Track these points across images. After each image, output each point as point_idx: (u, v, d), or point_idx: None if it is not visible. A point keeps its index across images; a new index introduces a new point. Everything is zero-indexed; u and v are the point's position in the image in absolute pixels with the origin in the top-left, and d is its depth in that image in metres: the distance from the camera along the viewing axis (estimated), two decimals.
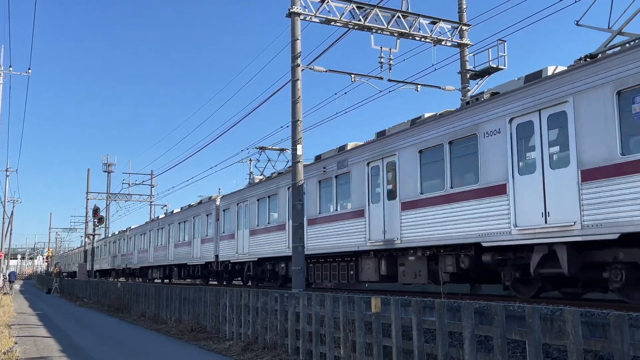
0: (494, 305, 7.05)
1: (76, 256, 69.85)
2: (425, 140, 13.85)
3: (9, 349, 12.44)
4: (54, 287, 50.86)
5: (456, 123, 12.88)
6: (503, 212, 11.54)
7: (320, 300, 10.67)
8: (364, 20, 18.05)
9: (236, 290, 14.61)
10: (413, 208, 14.03)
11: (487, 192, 11.99)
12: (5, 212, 55.35)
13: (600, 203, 9.67)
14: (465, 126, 12.64)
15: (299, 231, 16.63)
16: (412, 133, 14.34)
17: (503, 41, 17.57)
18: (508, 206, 11.44)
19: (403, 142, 14.64)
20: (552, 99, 10.70)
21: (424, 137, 13.90)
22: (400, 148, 14.68)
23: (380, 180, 15.48)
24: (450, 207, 12.87)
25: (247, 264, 24.14)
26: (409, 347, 8.26)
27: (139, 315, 22.24)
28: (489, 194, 11.93)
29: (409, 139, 14.47)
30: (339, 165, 17.24)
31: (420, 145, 14.03)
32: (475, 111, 12.47)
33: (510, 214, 11.36)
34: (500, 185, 11.68)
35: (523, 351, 7.47)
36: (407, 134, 14.54)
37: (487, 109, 12.16)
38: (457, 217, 12.66)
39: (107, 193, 55.81)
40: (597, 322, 6.85)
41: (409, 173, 14.36)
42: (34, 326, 19.72)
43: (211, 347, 13.56)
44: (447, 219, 12.96)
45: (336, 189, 17.60)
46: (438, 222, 13.18)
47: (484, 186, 12.09)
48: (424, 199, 13.75)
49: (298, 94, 16.96)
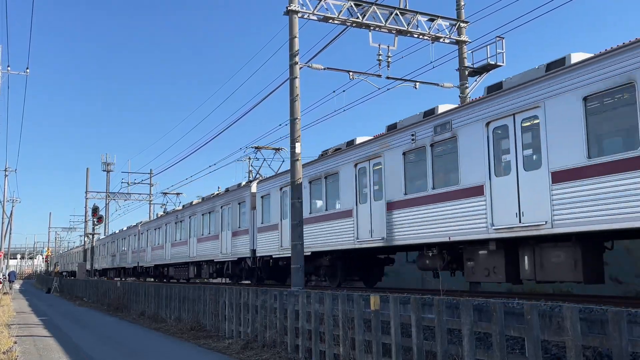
0: (493, 302, 7.05)
1: (76, 255, 69.81)
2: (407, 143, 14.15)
3: (9, 348, 12.43)
4: (53, 286, 50.91)
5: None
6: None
7: (320, 298, 10.67)
8: (362, 18, 18.02)
9: (235, 289, 14.61)
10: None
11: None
12: (5, 212, 55.34)
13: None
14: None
15: (297, 229, 16.59)
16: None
17: (501, 38, 17.54)
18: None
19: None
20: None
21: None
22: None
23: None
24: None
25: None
26: (408, 345, 8.27)
27: (139, 315, 22.26)
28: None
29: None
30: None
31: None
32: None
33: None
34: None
35: (522, 348, 7.48)
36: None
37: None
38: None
39: (106, 192, 55.77)
40: (596, 318, 6.84)
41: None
42: (33, 326, 19.73)
43: (211, 345, 13.58)
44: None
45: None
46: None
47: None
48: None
49: (296, 92, 16.94)
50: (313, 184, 18.51)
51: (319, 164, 18.26)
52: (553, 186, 10.26)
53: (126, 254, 45.10)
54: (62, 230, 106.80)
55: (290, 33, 17.21)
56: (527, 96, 10.91)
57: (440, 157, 13.29)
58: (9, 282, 47.08)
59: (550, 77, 10.55)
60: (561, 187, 10.12)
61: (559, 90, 10.30)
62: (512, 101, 11.25)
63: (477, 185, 11.88)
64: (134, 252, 42.38)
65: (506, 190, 11.21)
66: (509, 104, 11.28)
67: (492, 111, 11.66)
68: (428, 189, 13.30)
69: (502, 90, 11.55)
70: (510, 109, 11.24)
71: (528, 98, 10.88)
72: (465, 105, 12.85)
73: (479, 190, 11.82)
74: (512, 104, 11.24)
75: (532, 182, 10.69)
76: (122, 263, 46.36)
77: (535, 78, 10.89)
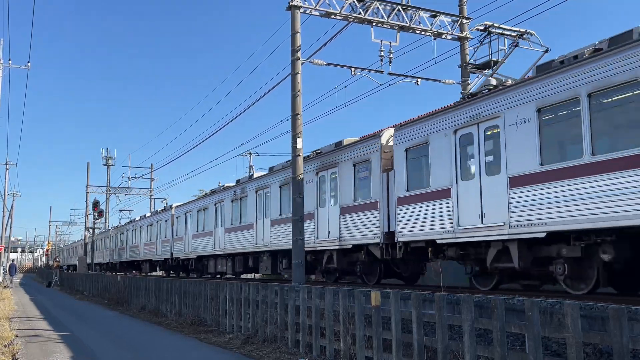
0: (494, 298, 7.07)
1: (77, 249, 69.76)
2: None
3: (10, 342, 12.47)
4: (54, 280, 50.96)
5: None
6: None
7: (320, 293, 10.70)
8: (364, 14, 17.99)
9: (236, 284, 14.64)
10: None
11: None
12: (5, 206, 55.39)
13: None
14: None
15: (299, 224, 16.61)
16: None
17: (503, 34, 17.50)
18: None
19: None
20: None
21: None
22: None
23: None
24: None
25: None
26: (408, 340, 8.29)
27: (139, 309, 22.30)
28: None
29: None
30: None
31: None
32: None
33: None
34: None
35: (522, 344, 7.50)
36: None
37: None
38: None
39: (107, 187, 55.84)
40: (597, 315, 6.86)
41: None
42: (34, 319, 19.77)
43: (211, 340, 13.60)
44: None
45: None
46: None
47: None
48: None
49: (298, 88, 16.93)
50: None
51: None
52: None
53: (154, 244, 37.35)
54: (63, 224, 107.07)
55: (292, 28, 17.19)
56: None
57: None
58: (10, 276, 47.13)
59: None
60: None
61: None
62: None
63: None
64: (166, 242, 34.85)
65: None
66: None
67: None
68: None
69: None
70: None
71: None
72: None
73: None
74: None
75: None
76: (148, 255, 38.85)
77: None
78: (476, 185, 12.41)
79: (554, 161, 10.62)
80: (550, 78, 10.78)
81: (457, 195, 12.88)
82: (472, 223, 12.37)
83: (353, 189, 16.81)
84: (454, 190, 12.95)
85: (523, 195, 11.17)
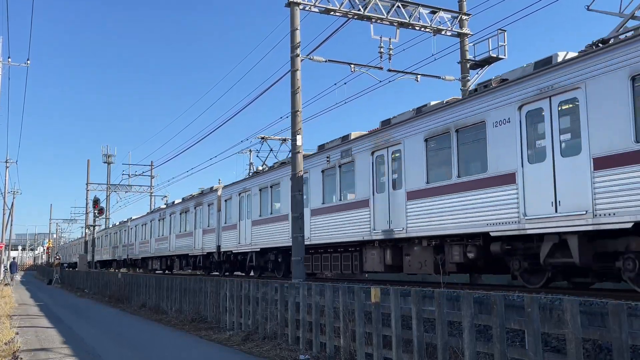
0: (493, 295, 7.07)
1: (78, 247, 69.74)
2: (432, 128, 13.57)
3: (11, 339, 12.47)
4: (54, 278, 51.00)
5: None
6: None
7: (320, 290, 10.70)
8: (364, 10, 17.97)
9: (236, 281, 14.65)
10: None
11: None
12: (6, 204, 55.41)
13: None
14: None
15: (298, 221, 16.62)
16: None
17: (503, 31, 17.51)
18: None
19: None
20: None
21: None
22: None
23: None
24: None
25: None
26: (408, 337, 8.30)
27: (140, 306, 22.31)
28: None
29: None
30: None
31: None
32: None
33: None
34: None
35: (522, 340, 7.50)
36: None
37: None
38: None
39: (107, 184, 55.83)
40: (596, 311, 6.86)
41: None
42: (35, 317, 19.79)
43: (212, 337, 13.62)
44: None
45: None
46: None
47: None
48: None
49: (297, 85, 16.92)
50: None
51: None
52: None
53: (190, 236, 30.44)
54: (63, 222, 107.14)
55: (292, 25, 17.18)
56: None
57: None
58: (10, 274, 47.17)
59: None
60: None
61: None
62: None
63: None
64: (209, 231, 27.78)
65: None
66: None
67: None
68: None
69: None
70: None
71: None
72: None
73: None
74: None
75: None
76: (182, 249, 31.98)
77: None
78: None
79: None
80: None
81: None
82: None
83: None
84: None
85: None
